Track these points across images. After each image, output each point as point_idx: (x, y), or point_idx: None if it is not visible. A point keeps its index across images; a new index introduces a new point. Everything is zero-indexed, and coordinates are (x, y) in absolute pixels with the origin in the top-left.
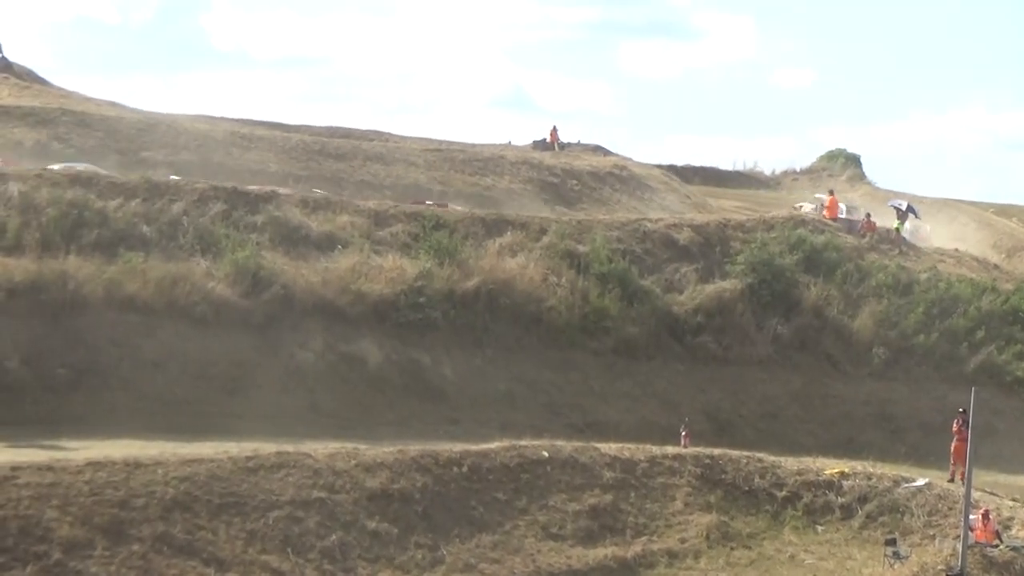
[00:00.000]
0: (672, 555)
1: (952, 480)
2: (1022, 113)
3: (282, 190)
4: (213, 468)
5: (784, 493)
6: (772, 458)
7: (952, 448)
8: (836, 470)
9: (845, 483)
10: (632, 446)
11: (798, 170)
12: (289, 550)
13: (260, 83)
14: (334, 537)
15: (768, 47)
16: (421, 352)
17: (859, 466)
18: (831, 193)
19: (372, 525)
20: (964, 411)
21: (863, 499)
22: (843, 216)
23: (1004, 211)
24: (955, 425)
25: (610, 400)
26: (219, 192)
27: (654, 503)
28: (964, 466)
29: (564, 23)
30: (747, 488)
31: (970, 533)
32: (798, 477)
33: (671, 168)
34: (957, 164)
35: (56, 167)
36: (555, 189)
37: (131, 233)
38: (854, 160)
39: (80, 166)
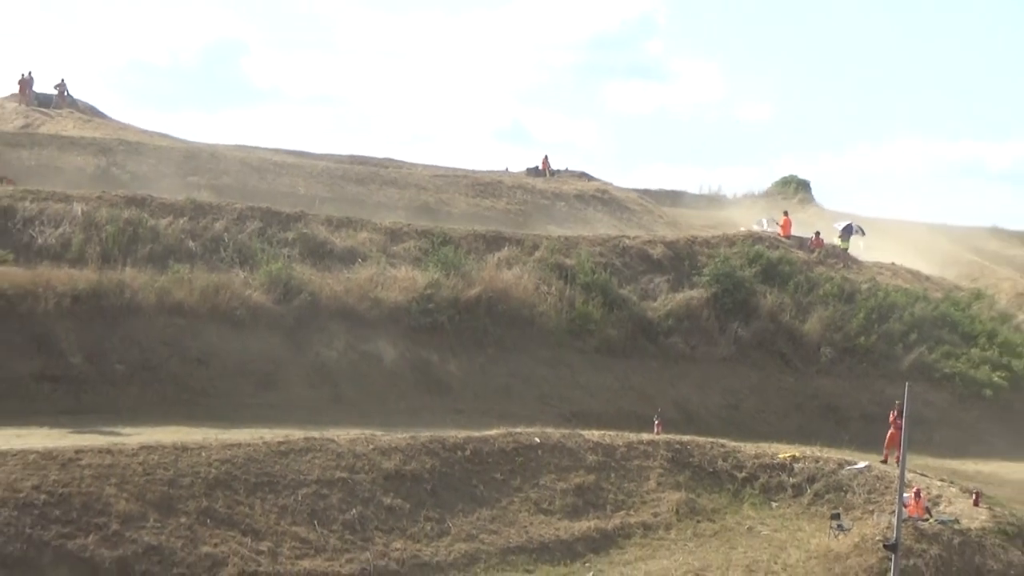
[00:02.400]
0: (647, 527)
1: (886, 462)
2: (951, 145)
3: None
4: (250, 451)
5: (743, 474)
6: (733, 444)
7: (888, 435)
8: (788, 454)
9: (796, 465)
10: (612, 433)
11: (756, 194)
12: (315, 522)
13: (292, 117)
14: (354, 511)
15: (731, 89)
16: (430, 351)
17: (808, 451)
18: (785, 214)
19: (387, 501)
20: (900, 403)
21: (811, 479)
22: (756, 228)
23: (935, 230)
24: (891, 415)
25: (593, 393)
26: (255, 212)
27: (631, 482)
28: (898, 451)
29: (556, 66)
30: (711, 470)
31: (904, 509)
32: (756, 460)
33: (647, 192)
34: (895, 188)
35: None
36: (546, 210)
37: (179, 247)
38: (804, 185)
39: None
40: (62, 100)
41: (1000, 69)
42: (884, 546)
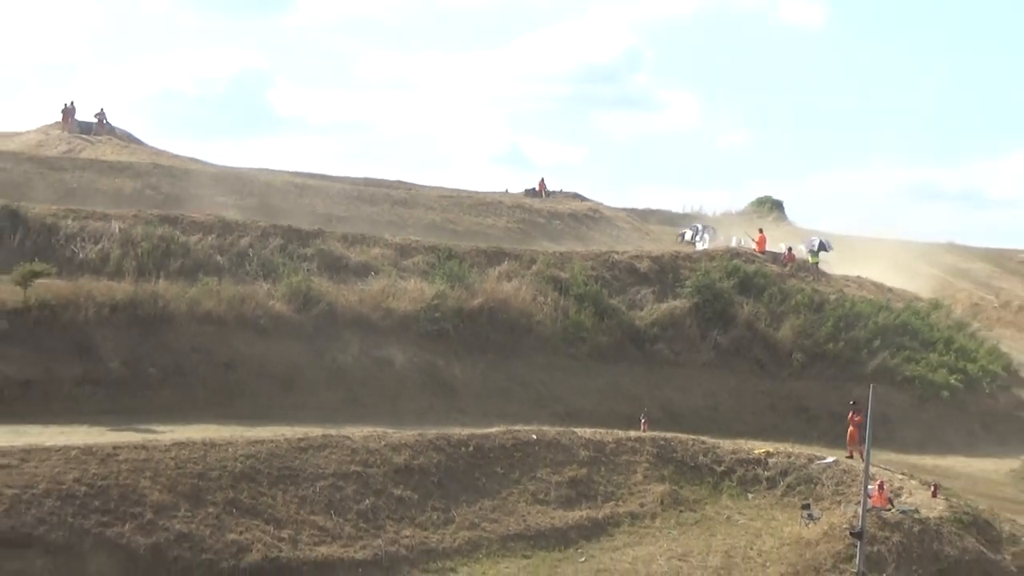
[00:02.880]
0: (634, 516)
1: (851, 457)
2: (910, 171)
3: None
4: (272, 447)
5: (722, 468)
6: (713, 440)
7: (848, 433)
8: (763, 450)
9: (770, 460)
10: (602, 431)
11: (734, 212)
12: (332, 512)
13: (312, 144)
14: (367, 502)
15: (711, 117)
16: (436, 356)
17: (781, 447)
18: (760, 231)
19: (398, 492)
20: (856, 403)
21: (784, 473)
22: (687, 237)
23: (898, 245)
24: (850, 415)
25: (585, 394)
26: (277, 230)
27: (619, 475)
28: (858, 446)
29: (550, 97)
30: (693, 464)
31: (868, 500)
32: (733, 455)
33: (634, 211)
34: (862, 208)
35: None
36: (542, 228)
37: (208, 262)
38: (778, 205)
39: None
40: (101, 128)
41: (954, 103)
42: (850, 534)
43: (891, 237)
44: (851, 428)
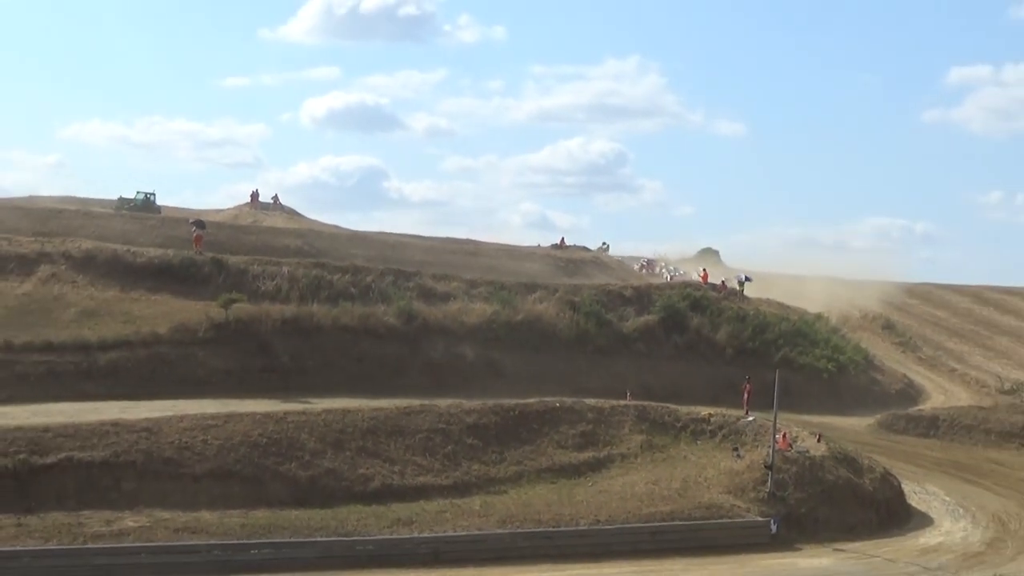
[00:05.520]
0: (623, 456)
1: (747, 415)
2: (799, 228)
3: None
4: (387, 412)
5: (680, 424)
6: (674, 406)
7: (744, 399)
8: (707, 412)
9: (712, 419)
10: (602, 400)
11: (687, 258)
12: (426, 454)
13: (412, 215)
14: (449, 448)
15: (671, 196)
16: (494, 353)
17: (719, 410)
18: (704, 270)
19: (469, 441)
20: (749, 379)
21: (721, 427)
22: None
23: (794, 279)
24: (744, 387)
25: (591, 378)
26: (390, 271)
27: (613, 429)
28: (747, 407)
29: (567, 184)
30: (661, 422)
31: (776, 444)
32: (688, 415)
33: (622, 258)
34: (771, 253)
35: None
36: (563, 269)
37: (345, 292)
38: (715, 253)
39: None
40: (275, 206)
41: (828, 183)
42: (764, 466)
43: (788, 272)
44: (745, 395)
